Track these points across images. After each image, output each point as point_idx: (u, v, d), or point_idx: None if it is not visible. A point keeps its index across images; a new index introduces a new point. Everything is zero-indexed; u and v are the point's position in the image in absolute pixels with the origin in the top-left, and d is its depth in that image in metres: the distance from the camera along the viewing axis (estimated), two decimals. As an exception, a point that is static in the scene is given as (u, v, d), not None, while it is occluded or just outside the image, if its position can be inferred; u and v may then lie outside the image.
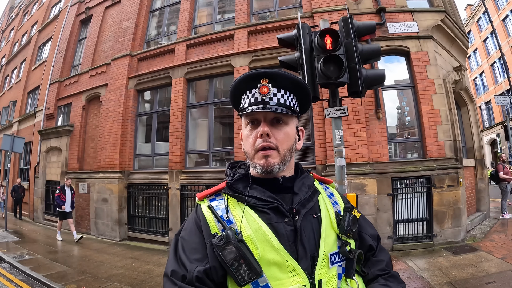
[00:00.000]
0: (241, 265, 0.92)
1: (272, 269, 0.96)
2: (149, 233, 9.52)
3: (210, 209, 1.07)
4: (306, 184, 1.16)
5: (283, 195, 1.11)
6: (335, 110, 4.62)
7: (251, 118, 1.11)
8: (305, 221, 1.06)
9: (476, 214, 9.23)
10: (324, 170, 7.50)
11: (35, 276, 6.19)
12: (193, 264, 0.99)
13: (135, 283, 5.81)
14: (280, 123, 1.11)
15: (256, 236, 0.99)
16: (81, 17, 14.16)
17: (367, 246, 1.20)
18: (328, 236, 1.07)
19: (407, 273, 5.58)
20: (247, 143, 1.12)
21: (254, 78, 1.11)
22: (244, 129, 1.15)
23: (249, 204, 1.06)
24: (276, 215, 1.04)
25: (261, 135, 1.07)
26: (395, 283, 1.14)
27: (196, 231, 1.07)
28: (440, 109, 7.63)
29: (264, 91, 1.09)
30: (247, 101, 1.12)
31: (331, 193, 1.25)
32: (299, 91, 1.17)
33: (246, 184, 1.12)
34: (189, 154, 9.56)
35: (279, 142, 1.08)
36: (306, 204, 1.10)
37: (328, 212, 1.13)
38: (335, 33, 4.34)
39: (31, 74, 17.53)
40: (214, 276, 0.98)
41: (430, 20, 8.26)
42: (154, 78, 10.32)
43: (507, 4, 29.11)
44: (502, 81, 29.89)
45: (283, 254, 0.98)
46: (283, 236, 1.01)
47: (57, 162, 12.81)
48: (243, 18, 9.35)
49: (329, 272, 1.02)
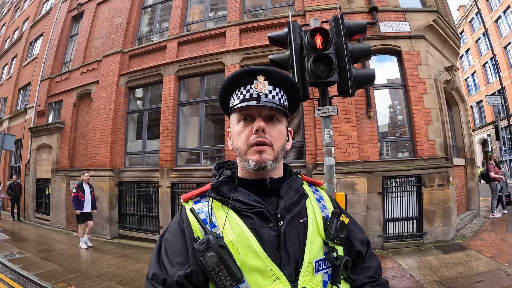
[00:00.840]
0: (222, 271, 0.90)
1: (254, 275, 0.94)
2: (140, 231, 9.47)
3: (193, 212, 1.05)
4: (293, 187, 1.13)
5: (269, 199, 1.08)
6: (324, 109, 4.62)
7: (244, 114, 1.08)
8: (290, 227, 1.03)
9: (466, 213, 9.32)
10: (315, 169, 7.51)
11: (25, 275, 6.14)
12: (174, 267, 0.97)
13: (126, 282, 5.77)
14: (274, 120, 1.09)
15: (239, 241, 0.97)
16: (73, 13, 14.00)
17: (355, 252, 1.17)
18: (314, 242, 1.04)
19: (397, 272, 5.61)
20: (239, 139, 1.08)
21: (251, 74, 1.09)
22: (235, 125, 1.11)
23: (233, 208, 1.04)
24: (260, 219, 1.02)
25: (257, 130, 1.04)
26: None
27: (179, 233, 1.05)
28: (431, 108, 7.67)
29: (260, 88, 1.07)
30: (240, 97, 1.09)
31: (320, 196, 1.22)
32: (292, 91, 1.17)
33: (231, 187, 1.09)
34: (180, 152, 9.52)
35: (273, 139, 1.07)
36: (292, 209, 1.07)
37: (315, 217, 1.10)
38: (325, 32, 4.34)
39: (22, 71, 17.33)
40: (195, 280, 0.96)
41: (422, 20, 8.29)
42: (145, 75, 10.25)
43: (500, 5, 29.39)
44: (494, 82, 30.25)
45: (266, 260, 0.95)
46: (267, 241, 0.99)
47: (48, 160, 12.69)
48: (235, 15, 9.31)
49: (313, 279, 0.99)
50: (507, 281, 4.75)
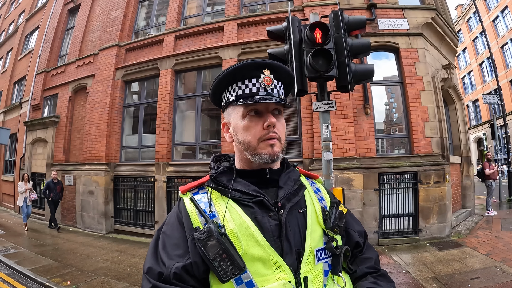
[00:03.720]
0: (224, 260, 0.89)
1: (256, 264, 0.94)
2: (136, 226, 9.45)
3: (193, 202, 1.05)
4: (292, 178, 1.14)
5: (268, 189, 1.09)
6: (323, 104, 4.61)
7: (253, 109, 1.07)
8: (291, 216, 1.04)
9: (462, 210, 9.37)
10: (311, 164, 7.51)
11: (20, 270, 6.12)
12: (173, 260, 0.96)
13: (121, 276, 5.76)
14: (278, 114, 1.10)
15: (240, 231, 0.96)
16: (69, 6, 13.87)
17: (354, 243, 1.18)
18: (314, 232, 1.05)
19: (393, 268, 5.63)
20: (248, 134, 1.06)
21: (257, 67, 1.08)
22: (238, 119, 1.09)
23: (233, 198, 1.04)
24: (260, 209, 1.02)
25: (268, 125, 1.04)
26: (385, 282, 1.12)
27: (178, 226, 1.04)
28: (428, 106, 7.69)
29: (268, 82, 1.07)
30: (246, 90, 1.07)
31: (317, 188, 1.23)
32: (290, 84, 1.19)
33: (230, 177, 1.09)
34: (176, 146, 9.49)
35: (280, 132, 1.08)
36: (292, 198, 1.07)
37: (314, 207, 1.11)
38: (325, 27, 4.31)
39: (17, 64, 17.17)
40: (195, 272, 0.95)
41: (421, 18, 8.28)
42: (142, 69, 10.18)
43: (498, 5, 29.48)
44: (490, 81, 30.39)
45: (268, 249, 0.95)
46: (268, 230, 0.98)
47: (43, 154, 12.59)
48: (233, 10, 9.25)
49: (315, 268, 1.00)
50: (502, 278, 4.78)
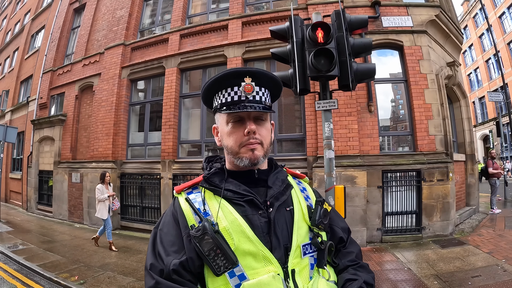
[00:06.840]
0: (218, 255, 0.96)
1: (247, 258, 1.00)
2: (142, 223, 9.56)
3: (188, 201, 1.11)
4: (279, 178, 1.21)
5: (258, 189, 1.16)
6: (325, 103, 4.65)
7: (234, 116, 1.13)
8: (279, 214, 1.11)
9: (466, 208, 9.34)
10: (315, 162, 7.54)
11: (29, 266, 6.23)
12: (170, 256, 1.02)
13: (128, 272, 5.87)
14: (262, 119, 1.16)
15: (232, 228, 1.03)
16: (75, 5, 13.97)
17: (337, 238, 1.25)
18: (301, 228, 1.12)
19: (395, 265, 5.68)
20: (230, 140, 1.14)
21: (238, 75, 1.13)
22: (224, 125, 1.17)
23: (225, 197, 1.10)
24: (250, 207, 1.09)
25: (248, 132, 1.10)
26: (364, 272, 1.19)
27: (173, 223, 1.10)
28: (432, 103, 7.67)
29: (248, 90, 1.12)
30: (228, 98, 1.13)
31: (303, 187, 1.30)
32: (276, 87, 1.24)
33: (222, 178, 1.16)
34: (181, 144, 9.57)
35: (263, 137, 1.14)
36: (280, 197, 1.15)
37: (301, 205, 1.18)
38: (326, 27, 4.35)
39: (23, 63, 17.30)
40: (191, 267, 1.01)
41: (425, 15, 8.26)
42: (147, 67, 10.26)
43: (504, 2, 29.16)
44: (496, 78, 30.09)
45: (258, 244, 1.02)
46: (258, 227, 1.05)
47: (50, 152, 12.75)
48: (237, 8, 9.29)
49: (301, 262, 1.07)
50: (504, 276, 4.79)
